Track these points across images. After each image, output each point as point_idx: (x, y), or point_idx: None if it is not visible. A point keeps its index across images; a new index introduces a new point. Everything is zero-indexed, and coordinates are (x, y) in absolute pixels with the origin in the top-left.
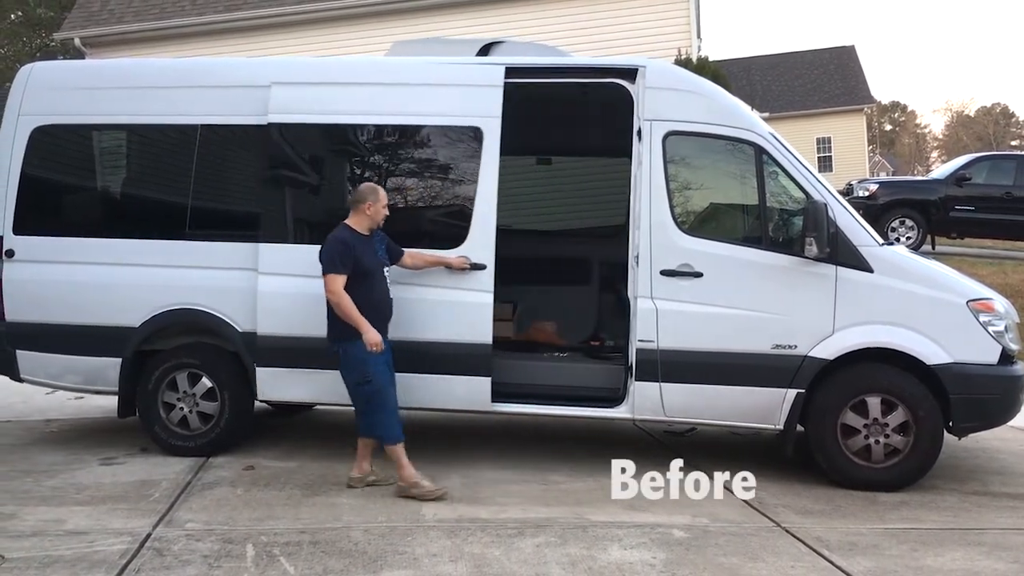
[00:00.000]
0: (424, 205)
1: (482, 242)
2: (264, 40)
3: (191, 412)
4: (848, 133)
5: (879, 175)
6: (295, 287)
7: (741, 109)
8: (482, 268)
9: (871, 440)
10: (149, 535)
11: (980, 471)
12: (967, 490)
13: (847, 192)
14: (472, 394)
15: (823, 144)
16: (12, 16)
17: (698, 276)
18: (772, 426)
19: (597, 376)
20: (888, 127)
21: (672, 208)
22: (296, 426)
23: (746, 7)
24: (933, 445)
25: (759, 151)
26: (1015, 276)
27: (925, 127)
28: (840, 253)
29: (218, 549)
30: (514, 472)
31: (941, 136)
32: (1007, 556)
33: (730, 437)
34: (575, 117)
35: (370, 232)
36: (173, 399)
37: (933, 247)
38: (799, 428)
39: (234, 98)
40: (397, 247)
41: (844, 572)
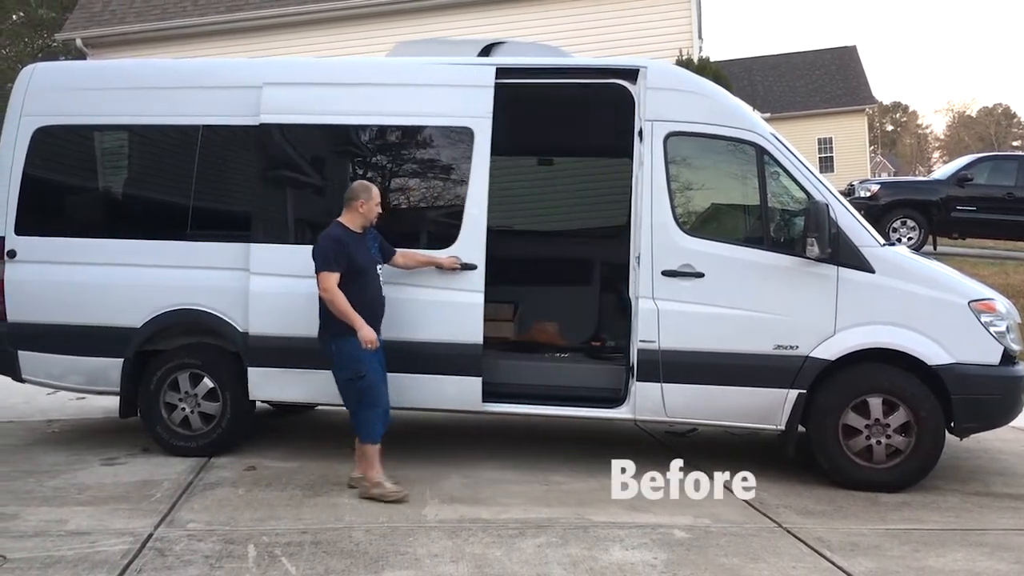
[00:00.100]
0: (415, 205)
1: (473, 242)
2: (266, 41)
3: (193, 412)
4: (849, 134)
5: (881, 175)
6: (286, 287)
7: (742, 109)
8: (473, 268)
9: (873, 441)
10: (151, 535)
11: (982, 472)
12: (969, 491)
13: (848, 193)
14: (463, 394)
15: (824, 144)
16: (14, 17)
17: (699, 276)
18: (774, 427)
19: (598, 376)
20: (889, 127)
21: (673, 208)
22: (297, 426)
23: (747, 8)
24: (935, 446)
25: (760, 151)
26: (1016, 276)
27: (926, 127)
28: (841, 253)
29: (220, 549)
30: (515, 472)
31: (942, 136)
32: (1009, 557)
33: (730, 437)
34: (577, 117)
35: (363, 230)
36: (175, 399)
37: (934, 248)
38: (801, 429)
39: (235, 98)
40: (389, 246)
41: (845, 573)
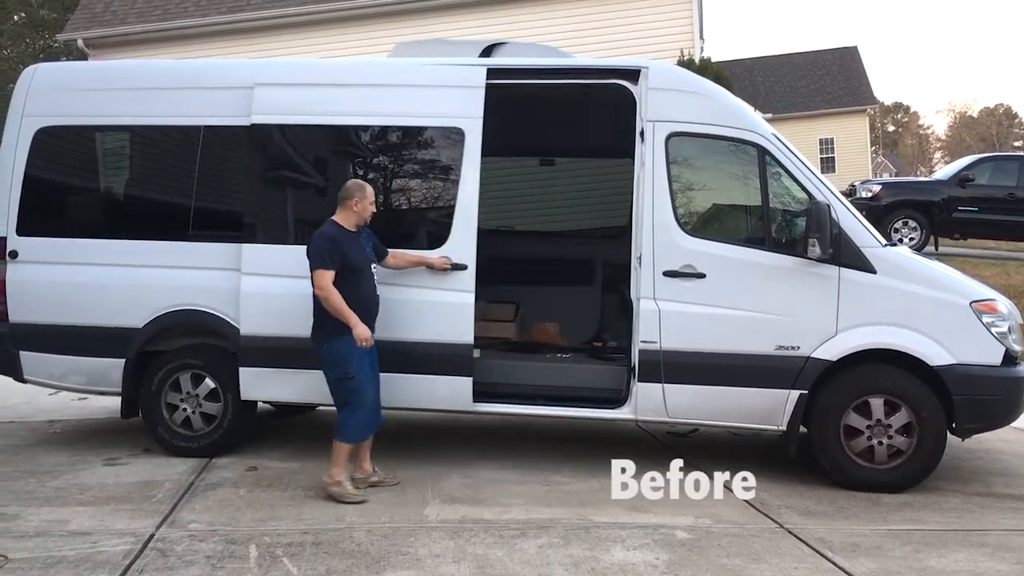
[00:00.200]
0: (406, 205)
1: (464, 242)
2: (268, 41)
3: (194, 413)
4: (851, 134)
5: (882, 176)
6: (277, 287)
7: (744, 110)
8: (463, 268)
9: (874, 441)
10: (152, 536)
11: (983, 472)
12: (970, 491)
13: (850, 193)
14: (454, 394)
15: (826, 145)
16: (15, 17)
17: (701, 277)
18: (775, 427)
19: (600, 377)
20: (891, 128)
21: (675, 209)
22: (299, 427)
23: (749, 8)
24: (936, 446)
25: (762, 152)
26: (1018, 277)
27: (928, 128)
28: (843, 254)
29: (221, 550)
30: (516, 473)
31: (944, 137)
32: (1010, 557)
33: (730, 437)
34: (578, 118)
35: (357, 228)
36: (176, 400)
37: (936, 248)
38: (802, 429)
39: (236, 99)
40: (383, 247)
41: (847, 573)
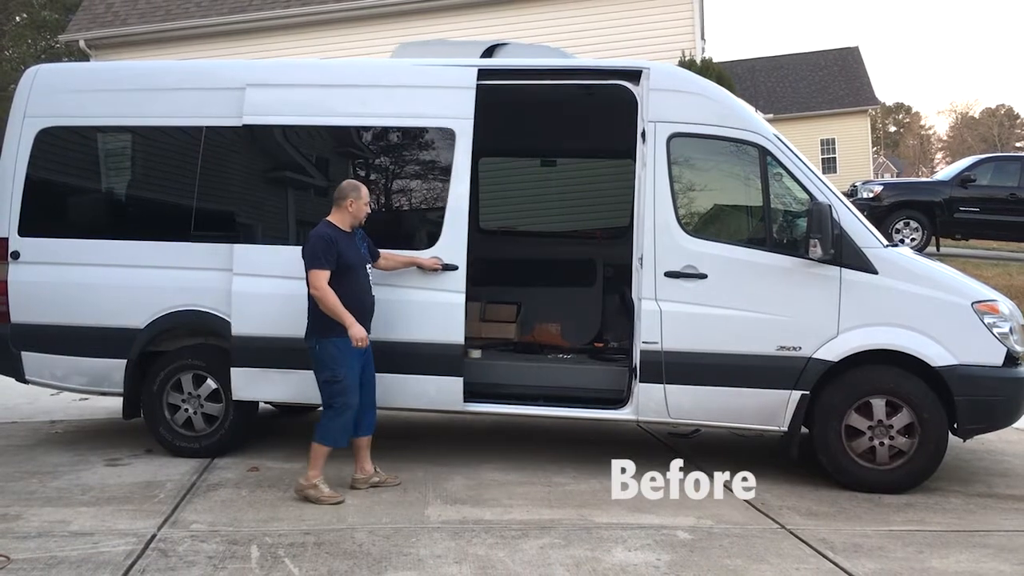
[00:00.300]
0: (397, 206)
1: (454, 243)
2: (270, 42)
3: (196, 413)
4: (852, 135)
5: (884, 176)
6: (268, 288)
7: (745, 110)
8: (454, 269)
9: (876, 442)
10: (154, 536)
11: (985, 473)
12: (972, 492)
13: (851, 194)
14: (443, 394)
15: (827, 146)
16: (17, 18)
17: (702, 278)
18: (777, 428)
19: (601, 377)
20: (892, 128)
21: (676, 210)
22: (300, 428)
23: (750, 9)
24: (938, 447)
25: (763, 152)
26: (1020, 278)
27: (929, 128)
28: (844, 255)
29: (223, 550)
30: (518, 473)
31: (945, 137)
32: (1012, 558)
33: (731, 437)
34: (580, 119)
35: (352, 229)
36: (178, 400)
37: (938, 248)
38: (804, 430)
39: (236, 99)
40: (376, 248)
41: (849, 574)
